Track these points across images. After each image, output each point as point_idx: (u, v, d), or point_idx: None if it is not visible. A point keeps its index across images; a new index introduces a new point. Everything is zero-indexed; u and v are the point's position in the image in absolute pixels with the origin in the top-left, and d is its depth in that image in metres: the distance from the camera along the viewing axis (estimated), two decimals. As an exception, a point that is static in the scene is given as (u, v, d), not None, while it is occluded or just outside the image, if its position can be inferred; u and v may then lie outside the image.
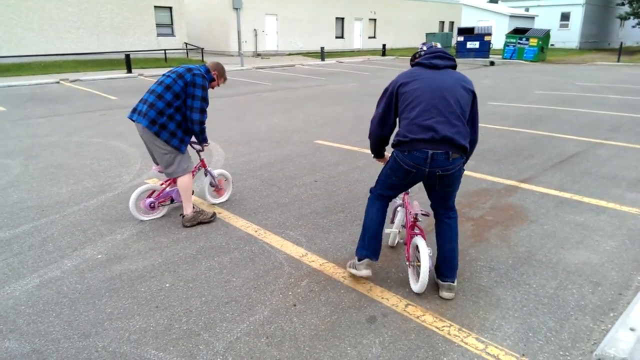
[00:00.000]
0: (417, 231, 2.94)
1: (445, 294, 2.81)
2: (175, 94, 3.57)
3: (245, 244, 3.56)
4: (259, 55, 27.59)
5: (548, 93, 12.34)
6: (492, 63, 23.31)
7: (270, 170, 5.45)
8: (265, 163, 5.78)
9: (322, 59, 24.76)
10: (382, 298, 2.82)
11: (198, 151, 4.10)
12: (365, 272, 2.90)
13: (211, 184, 4.34)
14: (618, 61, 23.50)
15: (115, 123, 8.42)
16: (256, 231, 3.79)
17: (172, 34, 23.78)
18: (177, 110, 3.60)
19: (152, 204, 3.95)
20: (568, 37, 37.28)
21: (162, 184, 4.06)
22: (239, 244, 3.57)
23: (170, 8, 23.41)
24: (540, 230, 3.78)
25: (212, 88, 3.86)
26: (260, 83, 15.21)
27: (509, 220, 4.00)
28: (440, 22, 38.80)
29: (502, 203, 4.36)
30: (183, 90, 3.58)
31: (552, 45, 31.95)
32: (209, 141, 4.06)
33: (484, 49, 24.98)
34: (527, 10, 40.47)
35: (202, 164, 4.23)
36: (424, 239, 2.83)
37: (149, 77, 16.62)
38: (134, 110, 3.68)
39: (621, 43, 27.52)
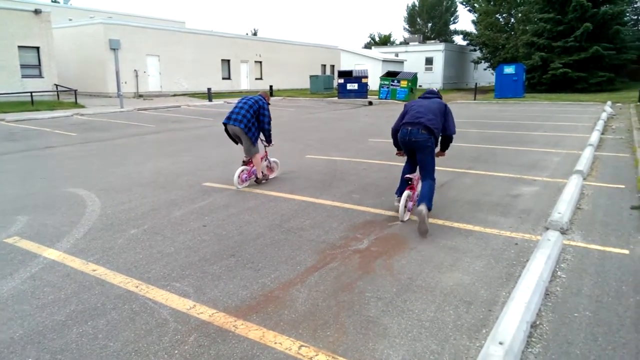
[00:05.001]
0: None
1: (418, 208, 4.51)
2: (254, 113, 6.40)
3: (124, 303, 3.26)
4: (140, 96, 26.45)
5: (420, 129, 13.56)
6: (370, 103, 25.14)
7: (153, 218, 5.15)
8: (148, 210, 5.45)
9: (210, 100, 24.55)
10: (275, 343, 2.77)
11: (265, 145, 6.86)
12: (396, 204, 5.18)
13: (267, 166, 6.96)
14: (474, 99, 26.89)
15: (-35, 175, 7.33)
16: (137, 286, 3.51)
17: (40, 75, 21.82)
18: (254, 123, 6.42)
19: (246, 178, 6.55)
20: (433, 78, 41.87)
21: (249, 163, 6.59)
22: (116, 303, 3.26)
23: (38, 48, 21.56)
24: (419, 257, 4.06)
25: None
26: (144, 125, 14.53)
27: (392, 249, 4.24)
28: (322, 65, 41.09)
29: (384, 233, 4.62)
30: (257, 111, 6.43)
31: (420, 86, 35.46)
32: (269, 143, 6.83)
33: (362, 90, 26.90)
34: (396, 55, 44.82)
35: (265, 153, 6.85)
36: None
37: (11, 123, 14.93)
38: (229, 118, 6.35)
39: (476, 83, 31.69)
